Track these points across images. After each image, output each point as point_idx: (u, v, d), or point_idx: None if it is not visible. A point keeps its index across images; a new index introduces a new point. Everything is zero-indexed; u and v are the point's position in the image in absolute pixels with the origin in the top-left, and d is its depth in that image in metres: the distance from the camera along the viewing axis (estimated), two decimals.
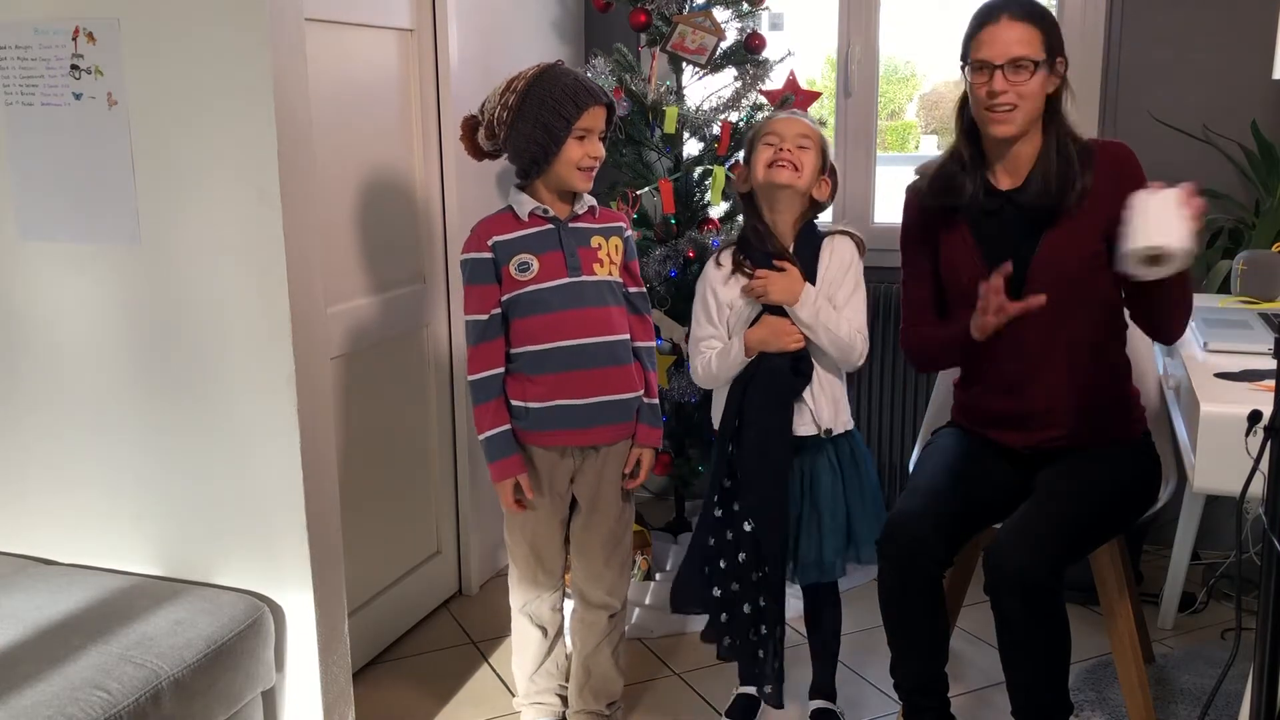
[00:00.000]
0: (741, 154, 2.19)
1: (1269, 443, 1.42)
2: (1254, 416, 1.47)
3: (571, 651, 2.31)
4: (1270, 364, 1.96)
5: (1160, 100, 3.03)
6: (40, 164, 2.00)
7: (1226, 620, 2.82)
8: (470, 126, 2.13)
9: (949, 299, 2.14)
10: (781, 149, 2.07)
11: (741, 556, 2.14)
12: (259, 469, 1.98)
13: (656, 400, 2.22)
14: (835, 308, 2.10)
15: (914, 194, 2.15)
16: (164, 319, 1.98)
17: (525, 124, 2.01)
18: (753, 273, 2.10)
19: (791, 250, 2.11)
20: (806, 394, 2.12)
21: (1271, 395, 1.44)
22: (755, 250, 2.13)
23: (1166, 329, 2.04)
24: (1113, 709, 2.37)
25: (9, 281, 2.08)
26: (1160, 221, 1.76)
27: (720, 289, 2.16)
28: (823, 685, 2.34)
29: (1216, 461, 1.79)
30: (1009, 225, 2.03)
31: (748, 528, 2.12)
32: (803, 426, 2.13)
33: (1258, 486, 1.46)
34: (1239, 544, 1.67)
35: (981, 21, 1.97)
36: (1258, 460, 1.45)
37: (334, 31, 2.40)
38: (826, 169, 2.12)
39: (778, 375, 2.10)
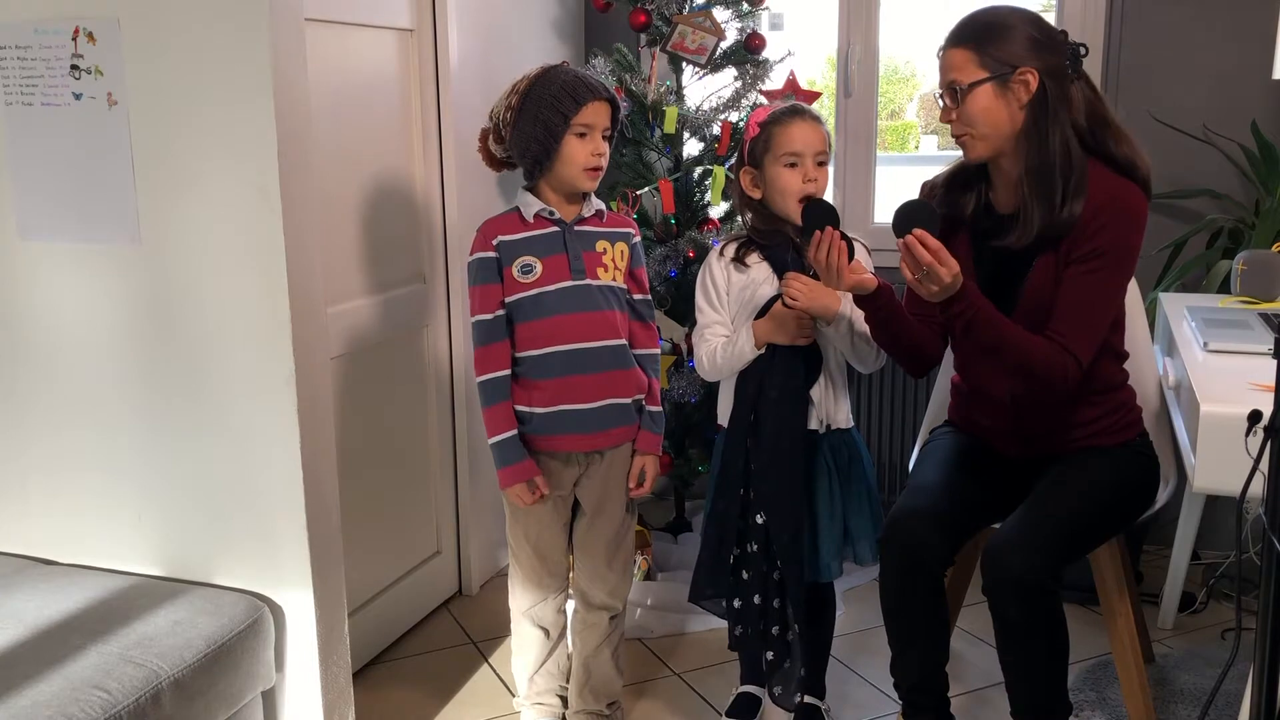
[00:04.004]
0: (741, 154, 2.14)
1: (1269, 443, 1.42)
2: (1254, 416, 1.47)
3: (572, 652, 2.31)
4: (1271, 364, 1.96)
5: (1160, 100, 3.03)
6: (40, 164, 2.00)
7: (1226, 620, 2.82)
8: (485, 137, 2.14)
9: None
10: (809, 178, 2.04)
11: (752, 546, 2.15)
12: (259, 469, 1.98)
13: (659, 408, 2.21)
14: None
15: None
16: (164, 319, 1.98)
17: (526, 122, 2.02)
18: (784, 279, 2.08)
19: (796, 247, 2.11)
20: (813, 388, 2.12)
21: (1271, 395, 1.44)
22: (767, 248, 2.12)
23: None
24: (1113, 709, 2.38)
25: (9, 281, 2.08)
26: None
27: (721, 277, 2.16)
28: (812, 682, 2.34)
29: (1216, 461, 1.79)
30: (1000, 249, 2.00)
31: (760, 520, 2.13)
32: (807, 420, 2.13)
33: (1258, 486, 1.46)
34: (1239, 544, 1.67)
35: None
36: (1258, 460, 1.45)
37: (334, 31, 2.40)
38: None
39: (793, 369, 2.09)
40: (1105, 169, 1.94)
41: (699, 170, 2.99)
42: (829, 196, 2.12)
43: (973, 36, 1.91)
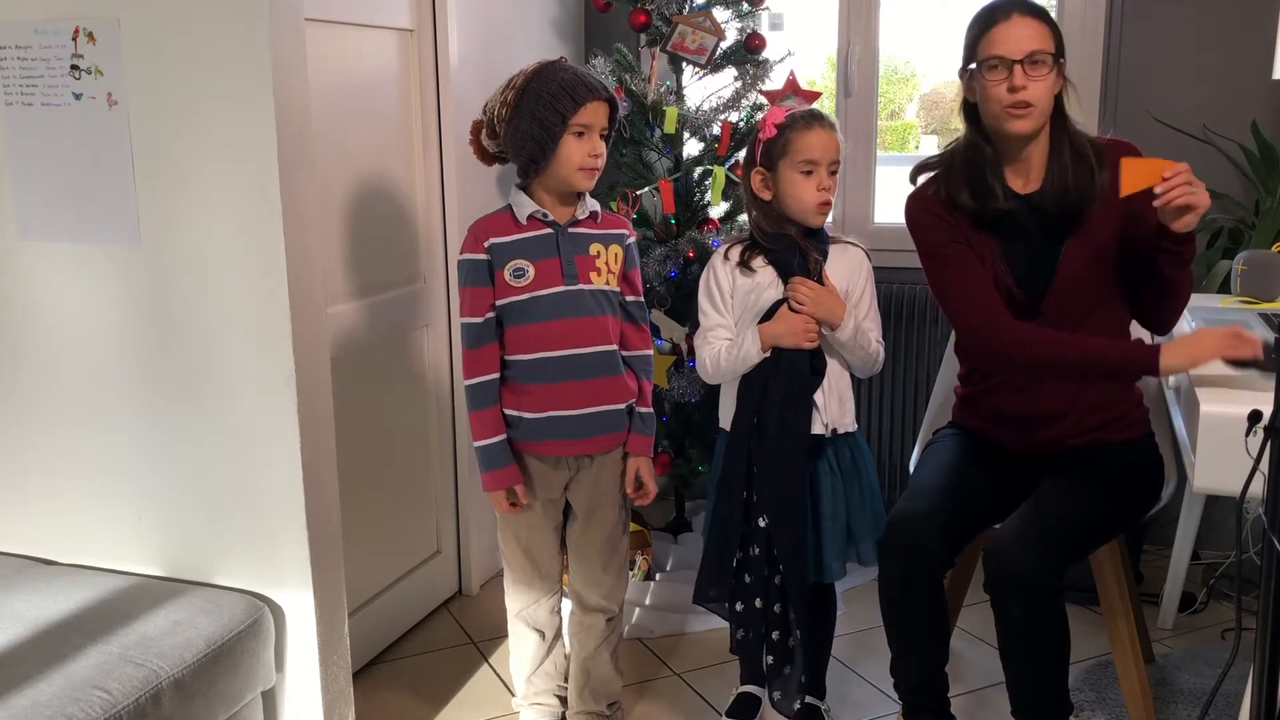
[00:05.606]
0: (753, 154, 2.11)
1: (1269, 443, 1.42)
2: (1254, 416, 1.47)
3: (570, 654, 2.30)
4: None
5: (1160, 100, 3.03)
6: (40, 164, 2.00)
7: (1226, 620, 2.82)
8: (477, 130, 2.11)
9: None
10: (823, 186, 2.04)
11: (755, 550, 2.15)
12: (259, 469, 1.98)
13: (650, 409, 2.20)
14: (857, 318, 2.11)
15: (925, 199, 2.09)
16: (164, 319, 1.98)
17: (523, 120, 1.99)
18: (788, 282, 2.08)
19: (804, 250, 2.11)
20: (817, 392, 2.12)
21: (1271, 395, 1.44)
22: (773, 252, 2.12)
23: (1169, 314, 2.05)
24: (1113, 709, 2.38)
25: (9, 281, 2.08)
26: None
27: (726, 280, 2.15)
28: (812, 682, 2.34)
29: (1216, 461, 1.79)
30: (1030, 232, 2.01)
31: (762, 523, 2.13)
32: (811, 424, 2.13)
33: (1258, 486, 1.46)
34: (1239, 544, 1.67)
35: (991, 20, 1.95)
36: (1258, 460, 1.45)
37: (334, 31, 2.40)
38: None
39: (798, 372, 2.09)
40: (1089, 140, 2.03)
41: (699, 170, 2.99)
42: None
43: (1046, 16, 1.94)
